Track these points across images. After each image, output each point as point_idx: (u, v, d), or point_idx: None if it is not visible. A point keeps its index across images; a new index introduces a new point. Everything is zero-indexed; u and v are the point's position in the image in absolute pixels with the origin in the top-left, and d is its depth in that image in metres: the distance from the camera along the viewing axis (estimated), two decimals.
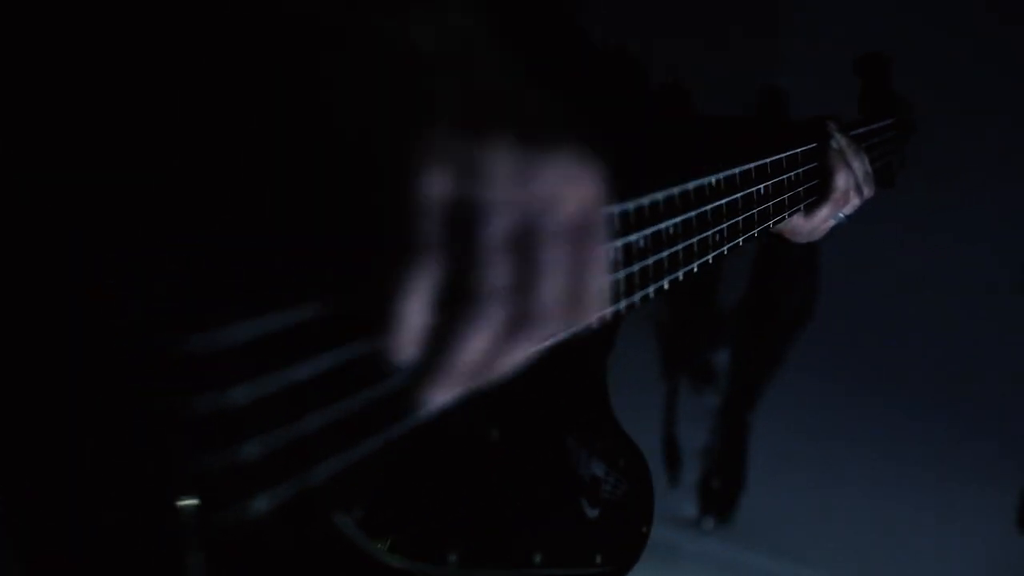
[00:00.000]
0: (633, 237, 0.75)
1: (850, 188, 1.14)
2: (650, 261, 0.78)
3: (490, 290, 0.48)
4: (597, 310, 0.53)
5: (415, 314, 0.47)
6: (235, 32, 0.52)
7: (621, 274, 0.75)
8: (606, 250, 0.53)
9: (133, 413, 0.48)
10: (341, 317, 0.52)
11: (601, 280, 0.52)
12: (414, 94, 0.47)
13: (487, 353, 0.50)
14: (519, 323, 0.50)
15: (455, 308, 0.48)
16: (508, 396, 0.72)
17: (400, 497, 0.63)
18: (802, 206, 1.10)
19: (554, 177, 0.49)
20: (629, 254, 0.75)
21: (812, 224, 1.14)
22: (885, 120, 1.39)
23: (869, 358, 2.50)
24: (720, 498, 2.70)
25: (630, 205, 0.73)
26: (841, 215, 1.17)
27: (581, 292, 0.51)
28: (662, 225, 0.78)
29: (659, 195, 0.78)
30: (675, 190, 0.80)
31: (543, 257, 0.49)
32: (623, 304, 0.76)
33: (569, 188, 0.49)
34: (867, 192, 1.18)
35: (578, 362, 0.83)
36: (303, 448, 0.51)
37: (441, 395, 0.50)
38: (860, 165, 1.16)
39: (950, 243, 2.37)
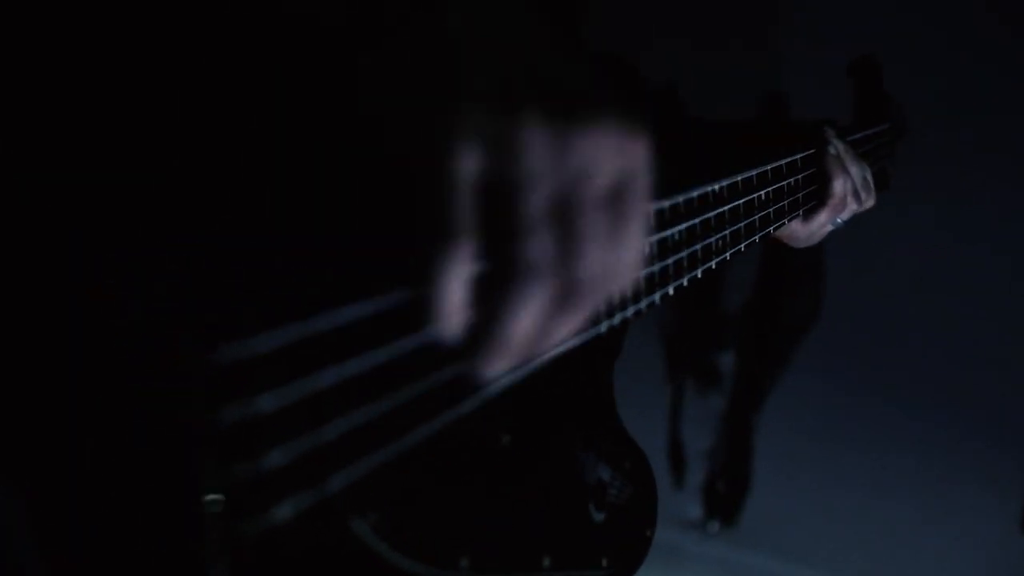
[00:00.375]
0: None
1: (848, 194, 1.15)
2: (656, 268, 0.79)
3: (533, 264, 0.48)
4: (634, 277, 0.53)
5: (456, 296, 0.47)
6: (244, 24, 0.52)
7: None
8: (645, 217, 0.52)
9: (162, 423, 0.48)
10: (380, 316, 0.52)
11: (639, 248, 0.52)
12: (442, 74, 0.47)
13: (537, 328, 0.50)
14: (565, 295, 0.50)
15: (500, 286, 0.48)
16: (518, 402, 0.72)
17: (414, 502, 0.63)
18: (801, 211, 1.11)
19: (589, 147, 0.48)
20: None
21: (809, 229, 1.15)
22: (881, 125, 1.40)
23: (872, 360, 2.50)
24: (725, 500, 2.70)
25: None
26: (839, 220, 1.18)
27: (620, 260, 0.51)
28: (667, 232, 0.79)
29: (665, 203, 0.79)
30: (680, 198, 0.80)
31: (583, 228, 0.49)
32: (630, 311, 0.77)
33: (605, 157, 0.49)
34: (864, 197, 1.18)
35: (586, 368, 0.84)
36: (325, 455, 0.51)
37: (497, 368, 0.50)
38: (858, 171, 1.16)
39: (952, 245, 2.38)
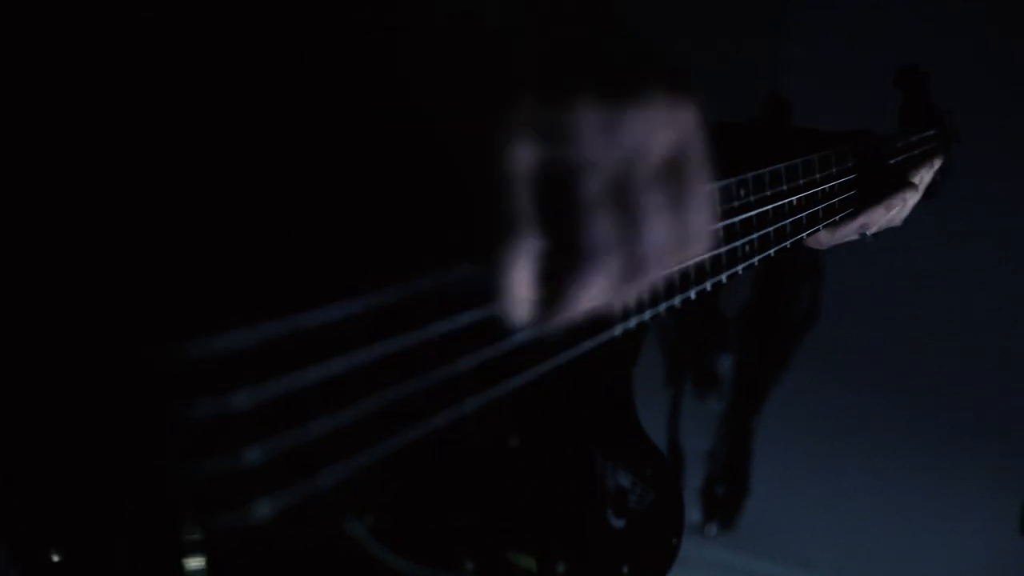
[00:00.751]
0: None
1: (886, 204, 1.13)
2: (676, 272, 0.78)
3: (596, 246, 0.49)
4: (705, 244, 0.54)
5: (523, 285, 0.48)
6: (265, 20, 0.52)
7: None
8: (706, 182, 0.53)
9: (133, 417, 0.47)
10: (382, 311, 0.52)
11: (705, 213, 0.53)
12: (489, 68, 0.48)
13: (607, 299, 0.51)
14: (631, 270, 0.51)
15: (565, 272, 0.49)
16: (528, 405, 0.71)
17: (414, 503, 0.62)
18: (837, 218, 1.09)
19: (641, 124, 0.49)
20: None
21: (834, 237, 1.13)
22: (926, 132, 1.36)
23: (873, 362, 2.50)
24: (724, 504, 2.70)
25: None
26: (867, 233, 1.16)
27: (687, 228, 0.52)
28: None
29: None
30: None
31: (643, 204, 0.50)
32: (647, 314, 0.76)
33: (659, 130, 0.49)
34: (895, 214, 1.15)
35: (602, 372, 0.83)
36: (310, 453, 0.50)
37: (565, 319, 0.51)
38: (899, 180, 1.14)
39: (952, 245, 2.38)
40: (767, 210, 0.88)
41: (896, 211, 1.15)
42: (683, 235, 0.52)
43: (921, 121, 1.39)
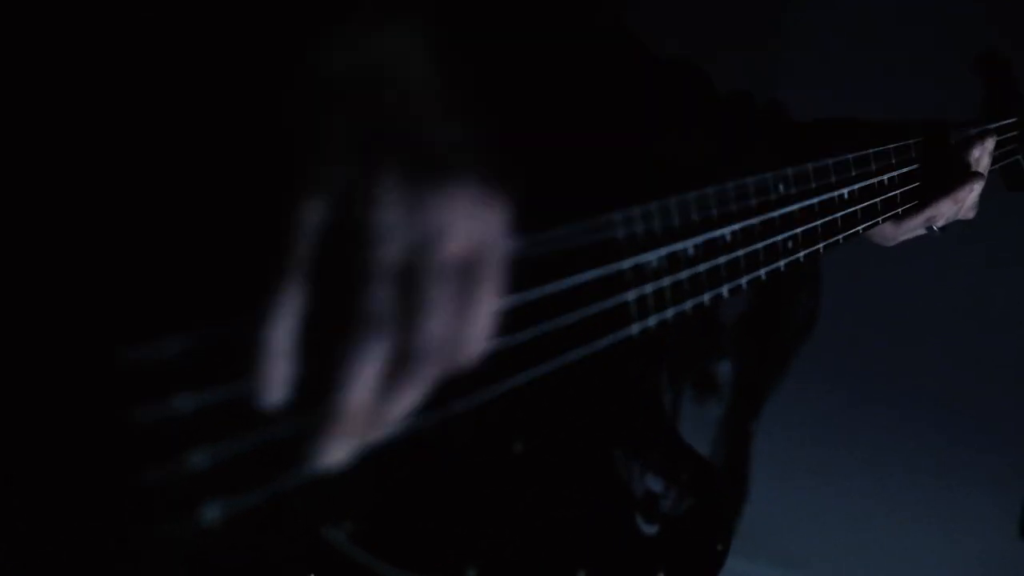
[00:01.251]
0: (680, 245, 0.73)
1: (953, 196, 1.09)
2: (702, 268, 0.76)
3: (371, 316, 0.46)
4: (477, 352, 0.51)
5: (281, 343, 0.45)
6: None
7: (666, 281, 0.73)
8: (496, 290, 0.51)
9: (70, 423, 0.46)
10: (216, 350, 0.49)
11: (485, 323, 0.50)
12: (310, 120, 0.47)
13: (373, 392, 0.47)
14: (403, 361, 0.48)
15: (336, 339, 0.46)
16: (531, 408, 0.69)
17: (401, 510, 0.61)
18: (900, 211, 1.05)
19: (444, 209, 0.47)
20: (675, 261, 0.73)
21: (900, 232, 1.09)
22: (1007, 119, 1.30)
23: (870, 365, 2.50)
24: None
25: (672, 206, 0.72)
26: (935, 227, 1.12)
27: (465, 332, 0.50)
28: (716, 232, 0.76)
29: (711, 195, 0.76)
30: (732, 194, 0.77)
31: (428, 291, 0.47)
32: (671, 312, 0.74)
33: (460, 222, 0.48)
34: (966, 206, 1.11)
35: (623, 373, 0.81)
36: (267, 455, 0.48)
37: (332, 444, 0.47)
38: (966, 170, 1.10)
39: (950, 246, 2.37)
40: (812, 204, 0.85)
41: (962, 203, 1.10)
42: (460, 336, 0.49)
43: (1003, 109, 1.33)
